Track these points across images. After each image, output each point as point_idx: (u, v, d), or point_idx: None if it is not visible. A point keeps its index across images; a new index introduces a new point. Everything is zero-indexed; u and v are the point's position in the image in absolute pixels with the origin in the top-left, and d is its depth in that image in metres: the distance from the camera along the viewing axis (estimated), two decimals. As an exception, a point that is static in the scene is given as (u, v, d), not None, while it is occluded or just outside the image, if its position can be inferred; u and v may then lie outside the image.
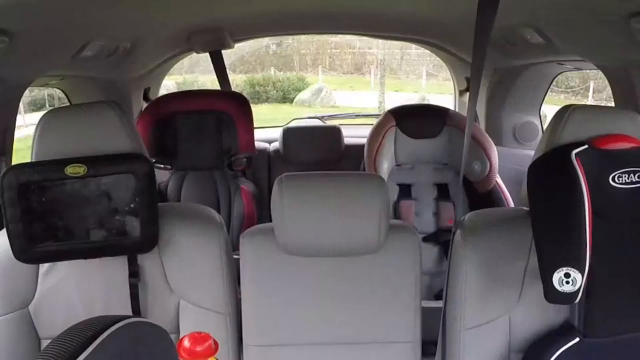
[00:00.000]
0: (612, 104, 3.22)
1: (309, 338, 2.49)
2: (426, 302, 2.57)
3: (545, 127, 2.50)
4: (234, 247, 2.53)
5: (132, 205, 2.31)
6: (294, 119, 5.96)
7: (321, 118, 6.03)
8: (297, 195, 2.39)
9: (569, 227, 2.04)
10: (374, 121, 4.03)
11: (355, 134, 4.97)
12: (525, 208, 2.31)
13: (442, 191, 3.75)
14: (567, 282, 2.01)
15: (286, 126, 4.81)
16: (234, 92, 4.55)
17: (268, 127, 5.94)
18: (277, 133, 4.95)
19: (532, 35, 3.35)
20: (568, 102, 2.48)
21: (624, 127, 2.19)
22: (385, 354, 2.51)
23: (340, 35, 15.21)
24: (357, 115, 6.70)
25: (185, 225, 2.44)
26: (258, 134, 4.43)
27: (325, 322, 2.49)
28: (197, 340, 2.06)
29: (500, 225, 2.40)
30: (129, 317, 1.33)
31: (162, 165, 3.98)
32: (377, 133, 3.69)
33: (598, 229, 2.06)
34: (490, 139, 3.73)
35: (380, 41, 17.90)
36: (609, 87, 3.17)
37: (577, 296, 2.03)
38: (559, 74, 4.47)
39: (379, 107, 17.42)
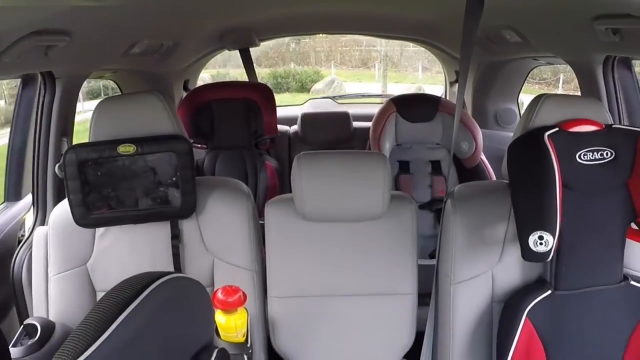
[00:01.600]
0: (579, 93, 3.19)
1: (322, 290, 2.51)
2: (422, 261, 2.56)
3: (522, 112, 2.50)
4: (260, 214, 2.53)
5: (173, 179, 2.33)
6: (310, 99, 5.96)
7: (333, 98, 6.02)
8: (313, 170, 2.40)
9: (543, 197, 2.03)
10: (377, 100, 4.01)
11: (361, 114, 4.95)
12: (505, 181, 2.30)
13: (436, 167, 3.74)
14: (541, 244, 2.01)
15: (303, 112, 4.78)
16: (260, 83, 4.53)
17: (290, 105, 5.95)
18: (297, 110, 4.96)
19: (511, 35, 3.33)
20: (541, 92, 2.47)
21: (589, 113, 2.21)
22: (387, 304, 2.53)
23: (349, 35, 15.14)
24: (363, 95, 6.69)
25: (219, 195, 2.44)
26: (281, 112, 4.43)
27: (336, 277, 2.51)
28: (229, 292, 2.08)
29: (484, 196, 2.39)
30: (171, 273, 1.33)
31: (199, 145, 3.97)
32: (381, 118, 3.67)
33: (567, 198, 2.09)
34: (475, 123, 3.71)
35: (383, 40, 17.82)
36: (576, 79, 3.15)
37: (549, 255, 2.03)
38: (534, 67, 4.43)
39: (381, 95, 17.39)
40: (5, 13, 1.78)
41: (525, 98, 4.47)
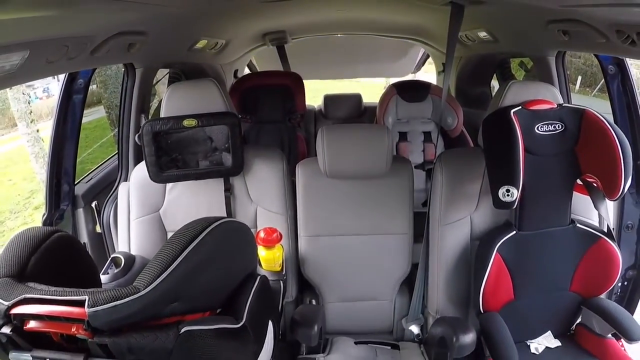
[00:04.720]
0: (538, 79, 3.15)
1: (340, 230, 2.54)
2: (416, 208, 2.59)
3: (493, 95, 2.48)
4: (292, 173, 2.54)
5: (226, 145, 2.35)
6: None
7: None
8: (333, 139, 2.41)
9: (509, 160, 2.06)
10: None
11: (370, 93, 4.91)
12: (481, 147, 2.29)
13: (427, 136, 3.71)
14: (508, 195, 2.06)
15: (325, 94, 4.74)
16: (293, 72, 4.49)
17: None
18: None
19: (485, 35, 3.28)
20: (511, 78, 2.44)
21: (544, 94, 2.25)
22: (389, 241, 2.56)
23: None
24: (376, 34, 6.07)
25: (261, 158, 2.46)
26: None
27: (351, 220, 2.53)
28: (269, 232, 2.09)
29: (465, 159, 2.41)
30: (224, 217, 1.33)
31: (246, 120, 3.97)
32: (384, 99, 3.65)
33: (528, 160, 2.11)
34: (458, 103, 3.69)
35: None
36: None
37: (514, 204, 2.08)
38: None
39: (385, 82, 17.18)
40: (98, 18, 1.77)
41: (496, 83, 4.43)
